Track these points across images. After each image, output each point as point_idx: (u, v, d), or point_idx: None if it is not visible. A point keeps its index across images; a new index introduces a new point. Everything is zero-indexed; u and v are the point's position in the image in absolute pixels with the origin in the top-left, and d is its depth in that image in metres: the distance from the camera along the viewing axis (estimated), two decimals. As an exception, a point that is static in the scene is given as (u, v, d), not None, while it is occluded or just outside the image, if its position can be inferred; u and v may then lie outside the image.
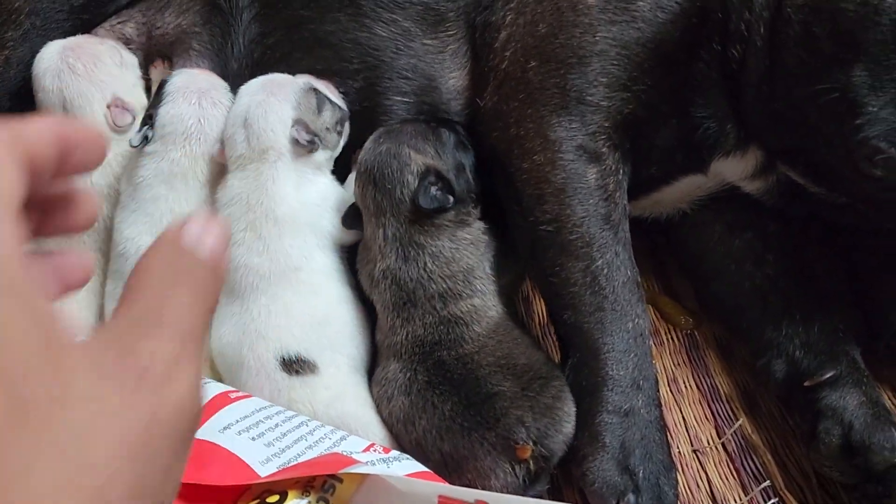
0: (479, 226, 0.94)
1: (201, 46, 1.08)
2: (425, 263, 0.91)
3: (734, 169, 0.95)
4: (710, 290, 1.03)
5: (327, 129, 0.97)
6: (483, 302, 0.91)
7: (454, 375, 0.87)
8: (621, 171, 0.90)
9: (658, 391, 0.87)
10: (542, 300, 1.04)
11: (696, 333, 1.03)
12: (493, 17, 0.97)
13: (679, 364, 1.00)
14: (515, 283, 1.05)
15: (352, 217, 0.96)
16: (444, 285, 0.91)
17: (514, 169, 0.92)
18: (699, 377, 0.98)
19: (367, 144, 0.96)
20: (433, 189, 0.89)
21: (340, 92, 1.01)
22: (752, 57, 0.87)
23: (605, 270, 0.87)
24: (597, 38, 0.89)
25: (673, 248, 1.08)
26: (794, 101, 0.85)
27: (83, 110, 0.98)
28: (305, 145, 0.94)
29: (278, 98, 0.96)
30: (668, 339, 1.02)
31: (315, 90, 0.98)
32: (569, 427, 0.85)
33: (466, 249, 0.92)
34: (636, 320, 0.87)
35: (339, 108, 0.99)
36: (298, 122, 0.95)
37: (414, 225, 0.91)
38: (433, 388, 0.87)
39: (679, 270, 1.08)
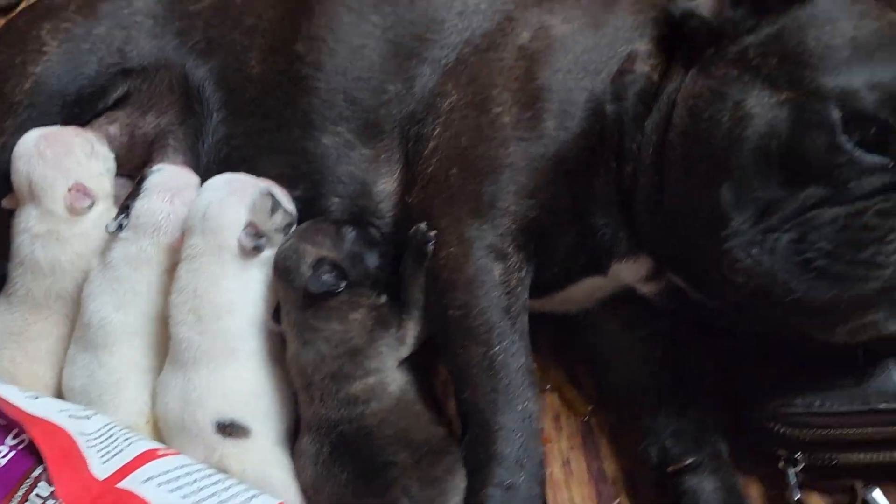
0: (372, 306, 1.04)
1: (177, 143, 1.23)
2: (319, 346, 1.01)
3: (629, 272, 1.06)
4: (604, 381, 1.14)
5: (276, 230, 1.09)
6: (379, 380, 1.00)
7: (354, 447, 0.96)
8: (524, 269, 1.01)
9: (542, 470, 0.96)
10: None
11: (592, 420, 1.13)
12: (425, 130, 1.09)
13: (574, 447, 1.10)
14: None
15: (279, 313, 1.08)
16: (336, 365, 1.00)
17: (433, 257, 1.04)
18: (590, 460, 1.08)
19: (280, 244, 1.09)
20: (325, 276, 1.01)
21: (291, 193, 1.15)
22: (642, 174, 0.98)
23: (502, 356, 0.98)
24: (508, 152, 1.01)
25: (577, 342, 1.18)
26: (675, 215, 0.96)
27: (45, 192, 1.11)
28: (251, 250, 1.06)
29: (236, 199, 1.08)
30: (566, 424, 1.12)
31: (272, 195, 1.10)
32: (455, 499, 0.93)
33: (356, 330, 1.02)
34: (525, 403, 0.97)
35: (290, 213, 1.12)
36: (250, 225, 1.07)
37: (308, 310, 1.03)
38: (335, 459, 0.97)
39: (582, 362, 1.18)
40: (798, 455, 0.98)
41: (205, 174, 1.17)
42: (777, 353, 1.01)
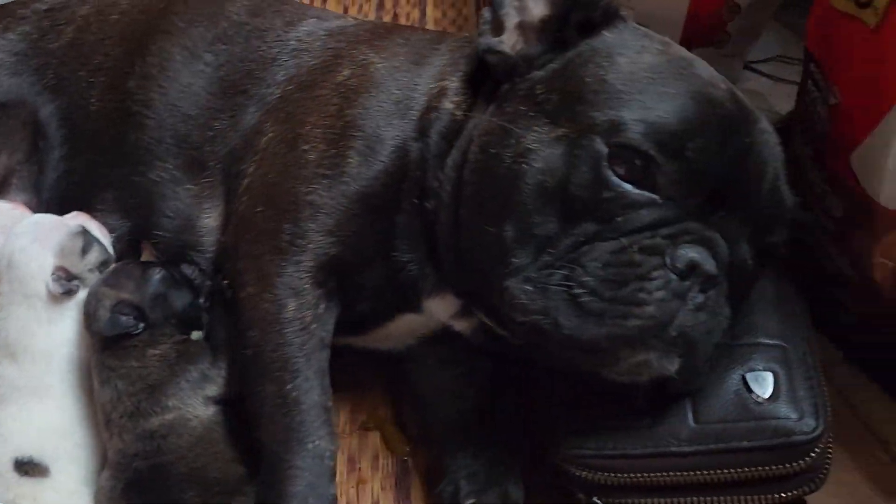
0: (175, 342, 1.03)
1: (20, 181, 1.23)
2: (116, 384, 1.01)
3: (440, 309, 1.05)
4: (422, 419, 1.12)
5: (90, 270, 1.08)
6: (179, 416, 1.00)
7: (146, 484, 0.97)
8: (322, 306, 1.00)
9: (331, 510, 0.95)
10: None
11: (411, 460, 1.11)
12: (243, 167, 1.09)
13: (385, 488, 1.08)
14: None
15: None
16: (133, 403, 1.00)
17: (235, 298, 1.03)
18: (398, 501, 1.06)
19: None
20: (122, 318, 1.01)
21: (120, 226, 1.16)
22: (442, 211, 0.97)
23: (294, 394, 0.97)
24: (310, 189, 1.00)
25: (403, 379, 1.17)
26: (469, 252, 0.95)
27: None
28: (61, 295, 1.05)
29: (42, 245, 1.07)
30: (383, 465, 1.10)
31: (85, 232, 1.09)
32: None
33: (154, 366, 1.02)
34: (317, 442, 0.96)
35: (106, 251, 1.11)
36: (59, 269, 1.05)
37: (105, 352, 1.03)
38: (126, 496, 0.97)
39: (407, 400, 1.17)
40: (595, 499, 0.96)
41: (44, 210, 1.19)
42: (575, 393, 0.99)
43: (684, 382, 0.91)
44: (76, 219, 1.12)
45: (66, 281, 1.06)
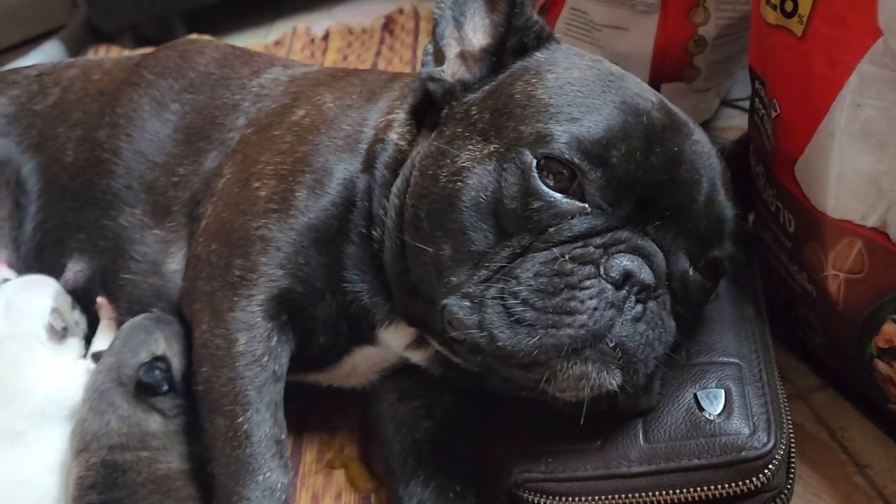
0: (175, 404, 1.05)
1: (0, 238, 1.28)
2: (110, 420, 1.02)
3: (395, 340, 1.05)
4: (384, 454, 1.10)
5: (75, 324, 1.16)
6: (153, 456, 1.01)
7: None
8: (274, 338, 1.00)
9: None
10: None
11: (374, 496, 1.09)
12: (201, 210, 1.12)
13: (345, 524, 1.06)
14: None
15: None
16: (118, 440, 1.01)
17: (192, 339, 1.04)
18: (358, 536, 1.05)
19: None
20: (157, 372, 1.04)
21: (89, 268, 1.20)
22: (387, 237, 0.98)
23: (245, 427, 0.96)
24: (260, 224, 1.02)
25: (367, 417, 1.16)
26: (413, 275, 0.96)
27: None
28: (61, 330, 1.12)
29: (40, 289, 1.15)
30: (346, 502, 1.08)
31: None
32: None
33: (155, 419, 1.04)
34: (267, 474, 0.95)
35: (83, 318, 1.19)
36: (56, 311, 1.13)
37: (119, 388, 1.04)
38: None
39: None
40: (550, 525, 0.93)
41: (22, 263, 1.23)
42: (529, 419, 0.97)
43: (630, 399, 0.89)
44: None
45: (62, 321, 1.12)
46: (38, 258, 1.25)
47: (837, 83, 0.88)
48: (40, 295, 1.14)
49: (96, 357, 1.09)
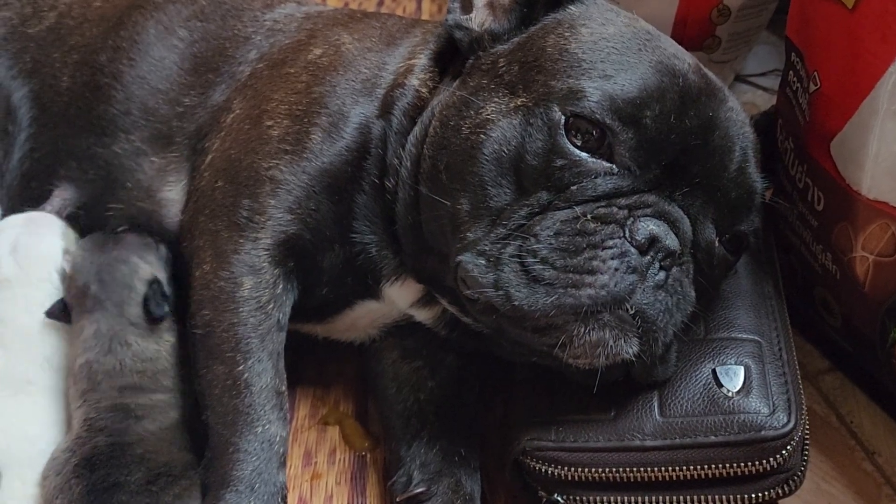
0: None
1: None
2: (124, 359, 0.99)
3: (401, 296, 1.01)
4: (383, 413, 1.07)
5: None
6: (167, 399, 0.98)
7: (98, 461, 0.92)
8: (280, 286, 0.96)
9: (277, 496, 0.90)
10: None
11: (369, 455, 1.06)
12: (207, 143, 1.07)
13: (340, 482, 1.02)
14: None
15: (58, 311, 1.05)
16: (133, 379, 0.98)
17: (191, 277, 0.99)
18: (353, 496, 1.01)
19: (87, 247, 1.06)
20: (161, 298, 1.01)
21: (76, 197, 1.14)
22: (401, 188, 0.94)
23: (246, 375, 0.93)
24: (271, 164, 0.97)
25: (365, 374, 1.13)
26: (426, 229, 0.92)
27: None
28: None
29: (48, 230, 1.10)
30: (341, 460, 1.05)
31: None
32: None
33: (168, 351, 1.01)
34: (266, 426, 0.92)
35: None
36: (67, 252, 1.07)
37: (131, 326, 1.00)
38: (77, 470, 0.92)
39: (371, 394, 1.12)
40: (556, 495, 0.91)
41: (6, 193, 1.17)
42: (538, 386, 0.94)
43: (645, 370, 0.86)
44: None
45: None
46: (23, 187, 1.18)
47: (887, 59, 0.85)
48: (50, 236, 1.09)
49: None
